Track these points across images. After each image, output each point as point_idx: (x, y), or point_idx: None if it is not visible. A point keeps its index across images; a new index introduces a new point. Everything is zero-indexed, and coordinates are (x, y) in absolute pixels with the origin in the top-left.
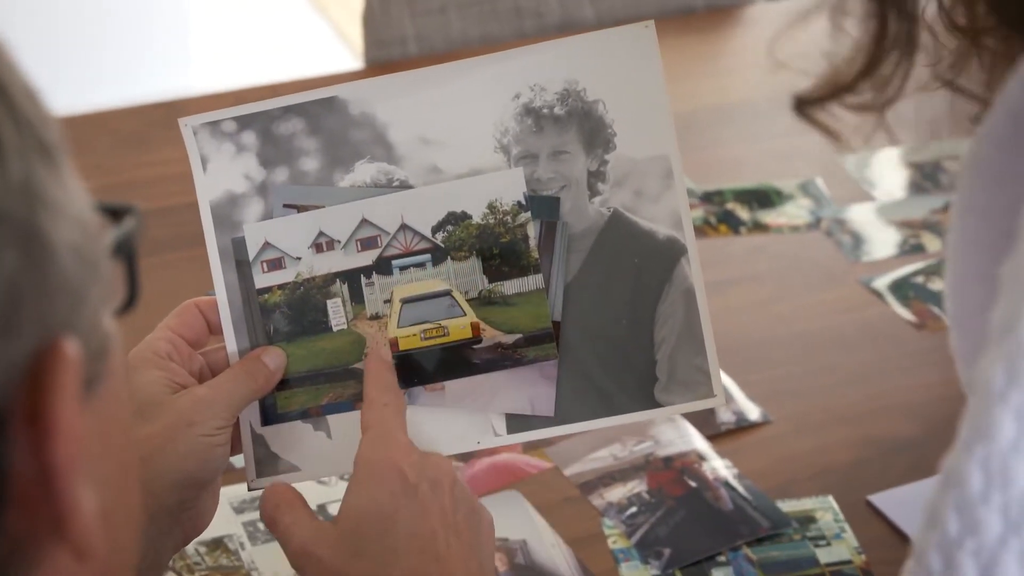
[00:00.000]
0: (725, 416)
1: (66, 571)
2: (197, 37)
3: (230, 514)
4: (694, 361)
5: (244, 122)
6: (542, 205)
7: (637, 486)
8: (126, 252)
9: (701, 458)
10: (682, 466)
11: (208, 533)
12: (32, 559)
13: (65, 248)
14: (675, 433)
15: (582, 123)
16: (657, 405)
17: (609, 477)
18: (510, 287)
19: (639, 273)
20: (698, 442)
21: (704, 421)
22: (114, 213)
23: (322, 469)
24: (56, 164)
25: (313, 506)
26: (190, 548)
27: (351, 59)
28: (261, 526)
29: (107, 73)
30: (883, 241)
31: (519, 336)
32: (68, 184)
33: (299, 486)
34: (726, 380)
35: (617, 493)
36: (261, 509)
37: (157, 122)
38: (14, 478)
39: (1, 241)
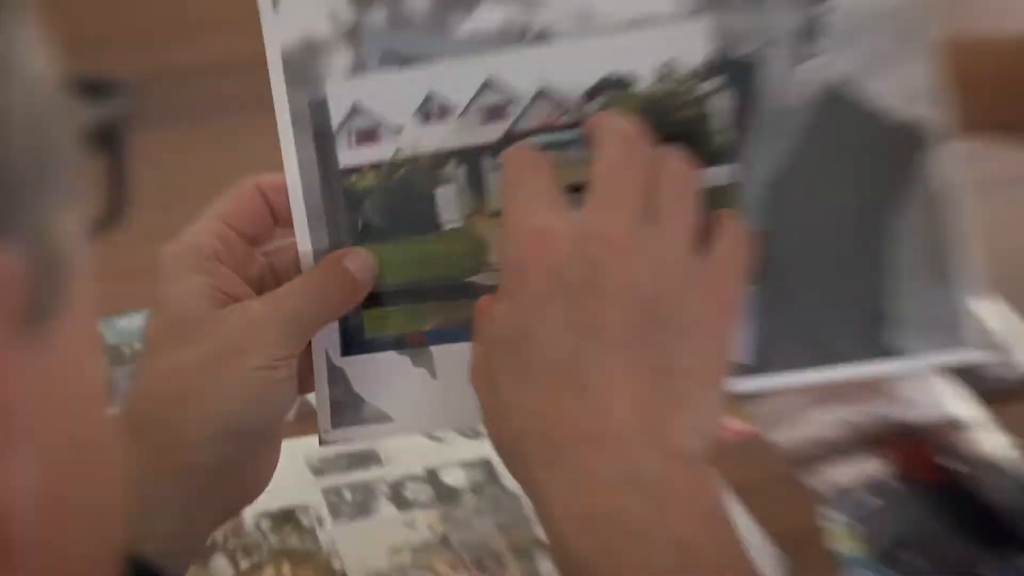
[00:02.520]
0: (1002, 370)
1: None
2: None
3: (307, 477)
4: (945, 294)
5: None
6: (735, 70)
7: (872, 464)
8: (110, 143)
9: (964, 429)
10: (936, 439)
11: (276, 501)
12: None
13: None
14: (927, 391)
15: None
16: (889, 354)
17: (833, 450)
18: None
19: (869, 169)
20: (960, 406)
21: (970, 375)
22: (95, 89)
23: (421, 420)
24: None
25: (420, 470)
26: (248, 521)
27: None
28: (348, 495)
29: None
30: None
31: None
32: (21, 39)
33: (403, 443)
34: (1004, 320)
35: (844, 473)
36: None
37: None
38: None
39: None
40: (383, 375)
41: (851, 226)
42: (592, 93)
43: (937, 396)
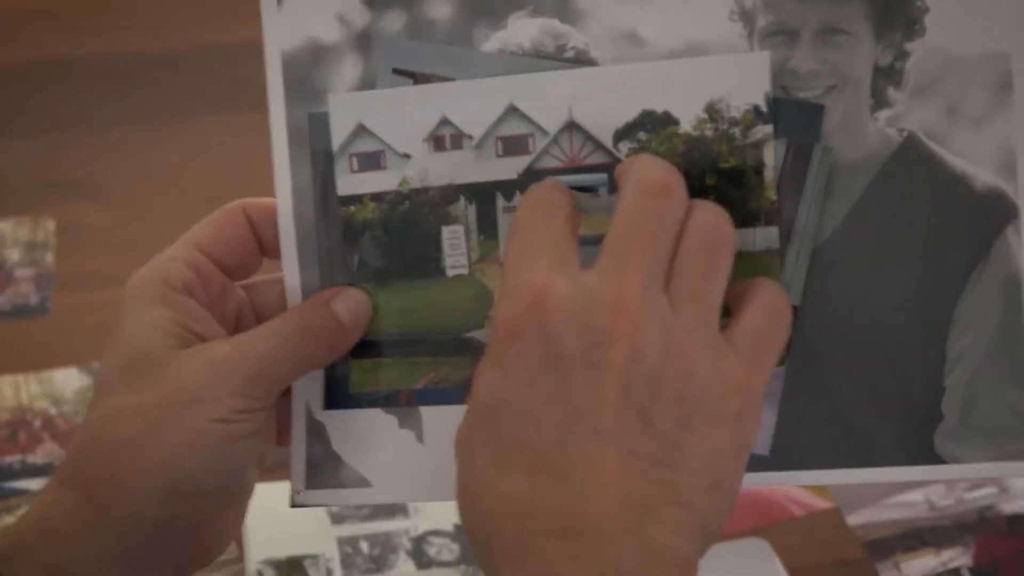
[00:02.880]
0: None
1: None
2: None
3: (324, 523)
4: (1007, 395)
5: None
6: (795, 115)
7: (959, 556)
8: None
9: None
10: None
11: (284, 548)
12: None
13: None
14: None
15: None
16: (938, 460)
17: (916, 537)
18: None
19: (938, 241)
20: None
21: None
22: None
23: (403, 489)
24: None
25: (449, 525)
26: (250, 568)
27: None
28: (365, 547)
29: None
30: None
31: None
32: None
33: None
34: None
35: (925, 565)
36: None
37: None
38: None
39: None
40: (366, 435)
41: (908, 308)
42: (629, 129)
43: None
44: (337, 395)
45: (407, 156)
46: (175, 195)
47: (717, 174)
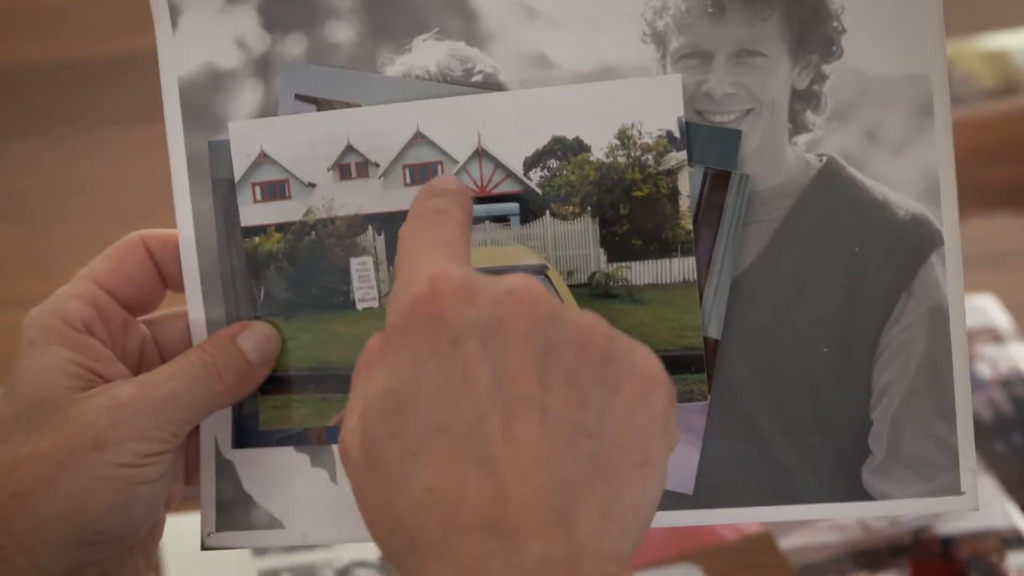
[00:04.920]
0: None
1: None
2: None
3: (244, 555)
4: (934, 428)
5: None
6: (711, 141)
7: None
8: None
9: (1007, 546)
10: (971, 556)
11: None
12: None
13: None
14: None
15: (790, 8)
16: (865, 496)
17: (849, 560)
18: (642, 273)
19: (859, 271)
20: (1010, 518)
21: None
22: None
23: (317, 530)
24: None
25: (374, 556)
26: None
27: None
28: None
29: None
30: None
31: None
32: None
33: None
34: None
35: None
36: None
37: None
38: None
39: None
40: (277, 474)
41: (831, 339)
42: (540, 156)
43: (987, 503)
44: (246, 433)
45: (312, 185)
46: (78, 210)
47: (630, 203)
